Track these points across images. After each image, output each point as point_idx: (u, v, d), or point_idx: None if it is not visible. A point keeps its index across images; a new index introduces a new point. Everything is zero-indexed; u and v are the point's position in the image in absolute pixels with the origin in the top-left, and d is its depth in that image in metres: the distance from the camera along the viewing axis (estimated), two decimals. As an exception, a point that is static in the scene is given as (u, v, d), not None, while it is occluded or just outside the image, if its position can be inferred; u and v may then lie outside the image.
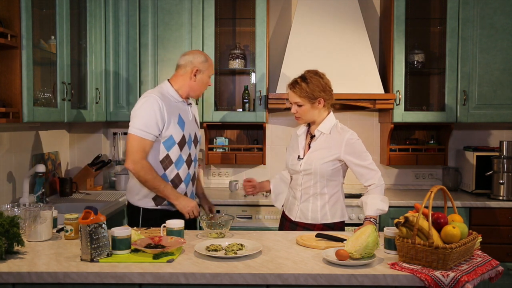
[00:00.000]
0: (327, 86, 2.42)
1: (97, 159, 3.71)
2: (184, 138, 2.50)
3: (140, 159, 2.38)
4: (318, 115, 2.43)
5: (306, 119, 2.45)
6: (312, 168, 2.40)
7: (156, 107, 2.39)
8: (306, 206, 2.46)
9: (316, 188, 2.42)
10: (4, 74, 2.36)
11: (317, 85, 2.37)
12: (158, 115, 2.39)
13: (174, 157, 2.47)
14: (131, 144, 2.39)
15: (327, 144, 2.41)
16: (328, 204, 2.43)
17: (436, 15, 3.82)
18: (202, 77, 2.58)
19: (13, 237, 1.89)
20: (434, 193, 1.81)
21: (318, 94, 2.37)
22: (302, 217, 2.48)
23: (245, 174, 3.96)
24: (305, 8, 3.64)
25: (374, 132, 3.97)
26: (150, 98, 2.42)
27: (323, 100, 2.40)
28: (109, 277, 1.72)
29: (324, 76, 2.44)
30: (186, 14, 3.54)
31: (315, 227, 2.44)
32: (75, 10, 3.03)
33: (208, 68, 2.59)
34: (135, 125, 2.39)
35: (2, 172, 2.78)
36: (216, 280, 1.72)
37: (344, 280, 1.72)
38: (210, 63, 2.62)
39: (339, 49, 3.57)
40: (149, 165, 2.40)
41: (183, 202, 2.45)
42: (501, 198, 3.40)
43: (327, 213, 2.43)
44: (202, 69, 2.56)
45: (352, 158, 2.38)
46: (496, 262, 1.88)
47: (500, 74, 3.54)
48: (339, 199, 2.45)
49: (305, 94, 2.37)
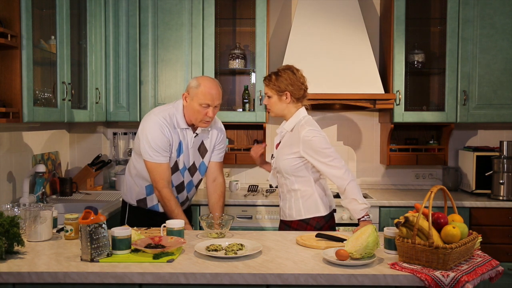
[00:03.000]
0: (298, 81, 2.45)
1: (97, 159, 3.71)
2: (176, 165, 2.52)
3: (162, 188, 2.45)
4: (286, 109, 2.49)
5: (275, 112, 2.52)
6: (278, 166, 2.47)
7: (161, 131, 2.42)
8: (284, 204, 2.52)
9: (287, 185, 2.47)
10: (4, 74, 2.36)
11: (286, 78, 2.44)
12: (164, 138, 2.43)
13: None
14: (151, 173, 2.47)
15: (290, 142, 2.45)
16: (301, 199, 2.44)
17: (436, 15, 3.82)
18: (191, 103, 2.43)
19: (13, 237, 1.89)
20: (434, 193, 1.81)
21: (285, 87, 2.43)
22: (282, 215, 2.55)
23: (245, 174, 3.96)
24: (305, 8, 3.64)
25: (374, 132, 3.97)
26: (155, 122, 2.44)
27: (289, 94, 2.44)
28: (109, 277, 1.72)
29: (298, 72, 2.48)
30: (186, 14, 3.54)
31: (292, 223, 2.48)
32: (75, 10, 3.03)
33: (197, 95, 2.40)
34: (148, 151, 2.43)
35: (2, 172, 2.78)
36: (216, 280, 1.72)
37: (344, 280, 1.72)
38: (202, 90, 2.40)
39: (339, 49, 3.57)
40: (168, 195, 2.45)
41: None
42: (501, 198, 3.40)
43: (301, 209, 2.44)
44: (191, 95, 2.43)
45: (310, 156, 2.37)
46: (496, 262, 1.88)
47: (500, 74, 3.54)
48: (313, 194, 2.44)
49: (273, 86, 2.45)
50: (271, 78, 2.47)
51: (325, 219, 2.45)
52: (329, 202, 2.50)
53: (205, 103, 2.40)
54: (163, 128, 2.43)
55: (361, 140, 3.97)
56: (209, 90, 2.41)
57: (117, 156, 3.91)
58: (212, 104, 2.42)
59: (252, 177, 3.95)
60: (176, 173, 2.53)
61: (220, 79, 3.87)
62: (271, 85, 2.46)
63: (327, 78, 3.50)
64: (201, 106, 2.40)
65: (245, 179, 3.96)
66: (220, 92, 2.48)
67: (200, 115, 2.43)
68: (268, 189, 3.71)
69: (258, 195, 3.58)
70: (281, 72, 2.46)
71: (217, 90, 2.45)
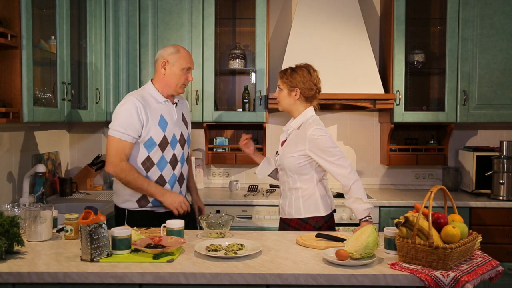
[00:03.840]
0: (311, 81, 2.47)
1: (97, 159, 3.71)
2: (165, 139, 2.47)
3: (119, 161, 2.37)
4: (294, 106, 2.50)
5: (283, 106, 2.54)
6: (283, 163, 2.48)
7: (133, 109, 2.39)
8: (284, 202, 2.53)
9: (289, 183, 2.48)
10: (4, 74, 2.36)
11: (300, 75, 2.46)
12: (135, 117, 2.38)
13: (155, 158, 2.46)
14: (110, 147, 2.40)
15: (296, 140, 2.45)
16: (302, 198, 2.44)
17: (436, 15, 3.82)
18: (172, 69, 2.48)
19: (13, 237, 1.89)
20: (434, 193, 1.81)
21: (296, 84, 2.46)
22: (282, 213, 2.55)
23: (245, 174, 3.96)
24: (305, 8, 3.64)
25: (374, 132, 3.97)
26: (128, 100, 2.43)
27: (299, 91, 2.46)
28: (109, 277, 1.72)
29: (314, 72, 2.51)
30: (186, 14, 3.54)
31: (291, 221, 2.48)
32: (75, 10, 3.03)
33: (178, 59, 2.47)
34: (113, 126, 2.40)
35: (2, 172, 2.78)
36: (216, 280, 1.72)
37: (344, 280, 1.72)
38: (182, 54, 2.49)
39: (339, 49, 3.57)
40: (129, 166, 2.38)
41: (170, 198, 2.43)
42: (501, 198, 3.40)
43: (301, 208, 2.44)
44: (171, 61, 2.47)
45: (316, 154, 2.38)
46: (496, 262, 1.88)
47: (500, 74, 3.54)
48: (314, 194, 2.44)
49: (285, 80, 2.49)
50: (286, 72, 2.51)
51: (324, 219, 2.45)
52: (329, 203, 2.50)
53: (187, 66, 2.50)
54: (135, 105, 2.39)
55: (361, 140, 3.97)
56: (187, 54, 2.53)
57: (117, 156, 3.91)
58: (192, 67, 2.54)
59: (252, 177, 3.95)
60: (167, 148, 2.48)
61: (220, 79, 3.88)
62: (284, 78, 2.50)
63: (327, 78, 3.46)
64: (183, 70, 2.49)
65: (245, 179, 3.96)
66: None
67: (182, 79, 2.50)
68: (268, 189, 3.71)
69: (258, 195, 3.58)
70: (297, 68, 2.50)
71: (191, 55, 2.59)
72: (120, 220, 2.54)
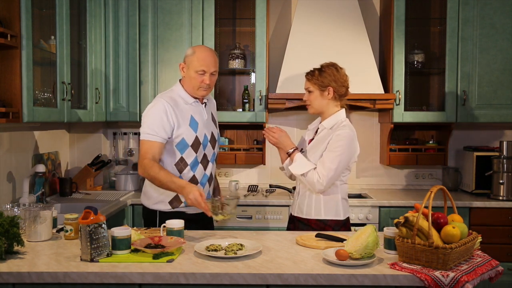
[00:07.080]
0: (341, 78, 2.44)
1: (97, 159, 3.71)
2: (197, 140, 2.43)
3: (143, 160, 2.32)
4: (326, 106, 2.46)
5: (315, 108, 2.48)
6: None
7: (162, 111, 2.35)
8: (302, 201, 2.49)
9: None
10: (4, 74, 2.36)
11: (330, 74, 2.42)
12: (164, 118, 2.35)
13: (188, 159, 2.43)
14: (140, 150, 2.38)
15: (324, 139, 2.42)
16: (323, 200, 2.42)
17: (436, 15, 3.82)
18: (188, 72, 2.41)
19: (13, 237, 1.89)
20: (434, 193, 1.81)
21: (328, 82, 2.42)
22: (299, 212, 2.51)
23: (245, 174, 3.96)
24: (305, 8, 3.64)
25: (374, 132, 3.96)
26: (157, 102, 2.40)
27: (332, 89, 2.42)
28: (109, 277, 1.72)
29: (341, 70, 2.47)
30: (186, 14, 3.54)
31: (309, 222, 2.46)
32: (75, 10, 3.03)
33: (192, 62, 2.39)
34: (142, 129, 2.37)
35: (2, 172, 2.78)
36: (216, 280, 1.72)
37: (344, 280, 1.72)
38: (196, 56, 2.38)
39: (339, 49, 3.57)
40: (150, 163, 2.28)
41: (185, 192, 2.22)
42: (501, 198, 3.40)
43: (321, 209, 2.43)
44: (187, 63, 2.42)
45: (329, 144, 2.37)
46: (496, 262, 1.88)
47: (500, 74, 3.54)
48: (335, 197, 2.43)
49: (315, 81, 2.44)
50: (314, 73, 2.45)
51: (342, 222, 2.45)
52: (348, 208, 2.50)
53: (200, 69, 2.37)
54: (164, 107, 2.36)
55: (361, 140, 3.92)
56: (203, 56, 2.39)
57: (117, 156, 3.92)
58: (207, 70, 2.39)
59: (252, 177, 3.95)
60: (199, 149, 2.44)
61: (220, 79, 3.88)
62: (314, 79, 2.44)
63: (327, 78, 3.49)
64: (197, 73, 2.38)
65: (245, 179, 3.96)
66: (216, 59, 2.45)
67: (197, 82, 2.39)
68: (268, 189, 3.71)
69: (258, 195, 3.58)
70: (324, 68, 2.45)
71: (212, 57, 2.42)
72: (150, 221, 2.51)
